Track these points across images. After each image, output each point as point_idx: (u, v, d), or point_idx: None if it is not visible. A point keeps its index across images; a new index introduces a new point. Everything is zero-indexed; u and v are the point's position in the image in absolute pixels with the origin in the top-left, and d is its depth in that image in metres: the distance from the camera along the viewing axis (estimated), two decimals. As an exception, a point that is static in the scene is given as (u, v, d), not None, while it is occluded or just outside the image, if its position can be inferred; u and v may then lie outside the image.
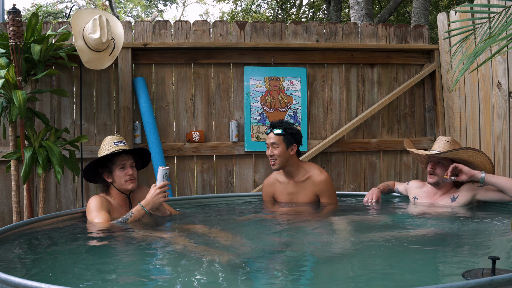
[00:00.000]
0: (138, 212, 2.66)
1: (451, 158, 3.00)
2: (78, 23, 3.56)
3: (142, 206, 2.67)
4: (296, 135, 3.19)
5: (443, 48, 4.47)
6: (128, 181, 2.82)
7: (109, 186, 2.84)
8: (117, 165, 2.81)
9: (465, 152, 2.92)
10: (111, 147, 2.81)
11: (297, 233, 2.62)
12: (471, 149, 2.92)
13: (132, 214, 2.65)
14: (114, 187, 2.84)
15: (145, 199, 2.70)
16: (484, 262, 2.04)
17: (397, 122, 4.61)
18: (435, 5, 11.76)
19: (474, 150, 2.93)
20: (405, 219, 2.91)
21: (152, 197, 2.68)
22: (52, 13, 16.40)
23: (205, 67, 4.34)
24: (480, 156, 2.94)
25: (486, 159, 2.96)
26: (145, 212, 2.67)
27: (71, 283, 1.80)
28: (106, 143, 2.84)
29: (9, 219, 3.93)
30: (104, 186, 2.85)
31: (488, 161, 2.97)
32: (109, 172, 2.82)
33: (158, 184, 2.71)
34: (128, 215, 2.65)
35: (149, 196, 2.69)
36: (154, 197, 2.68)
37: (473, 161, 2.95)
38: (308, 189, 3.21)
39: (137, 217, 2.65)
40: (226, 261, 1.97)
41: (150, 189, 2.72)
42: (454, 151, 2.92)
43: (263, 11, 15.00)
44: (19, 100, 3.24)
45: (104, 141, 2.88)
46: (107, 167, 2.81)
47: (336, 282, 1.81)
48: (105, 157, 2.80)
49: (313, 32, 4.43)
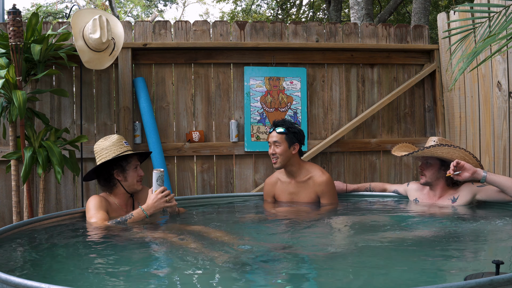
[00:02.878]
0: (138, 215, 2.66)
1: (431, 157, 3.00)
2: (78, 23, 3.56)
3: (143, 210, 2.67)
4: (298, 134, 3.20)
5: (443, 48, 4.47)
6: (139, 181, 2.86)
7: (115, 185, 2.83)
8: (132, 165, 2.83)
9: (439, 148, 2.91)
10: (123, 147, 2.80)
11: (297, 233, 2.62)
12: (445, 146, 2.91)
13: (132, 216, 2.65)
14: (122, 186, 2.83)
15: (146, 203, 2.70)
16: (484, 262, 2.05)
17: (397, 122, 4.61)
18: (435, 5, 11.76)
19: (449, 146, 2.92)
20: (406, 219, 2.91)
21: (153, 202, 2.69)
22: (52, 13, 16.40)
23: (205, 67, 4.34)
24: (458, 152, 2.92)
25: (467, 154, 2.94)
26: (146, 216, 2.67)
27: (71, 283, 1.80)
28: (115, 142, 2.81)
29: (9, 219, 3.94)
30: (110, 184, 2.83)
31: (470, 156, 2.95)
32: (121, 171, 2.81)
33: (154, 188, 2.71)
34: (127, 216, 2.64)
35: (150, 200, 2.69)
36: (155, 202, 2.69)
37: (450, 157, 2.94)
38: (309, 190, 3.21)
39: (136, 220, 2.65)
40: (226, 261, 1.97)
41: (149, 194, 2.72)
42: (426, 149, 2.93)
43: (263, 11, 15.00)
44: (19, 100, 3.24)
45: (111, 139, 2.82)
46: (120, 165, 2.80)
47: (337, 282, 1.81)
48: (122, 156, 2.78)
49: (313, 32, 4.43)
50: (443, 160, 3.01)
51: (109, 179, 2.82)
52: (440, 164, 3.03)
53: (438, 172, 3.03)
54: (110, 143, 2.81)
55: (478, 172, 2.79)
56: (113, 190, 2.84)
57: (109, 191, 2.85)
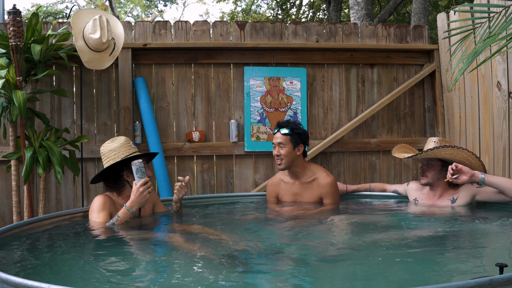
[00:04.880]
0: (124, 215, 2.61)
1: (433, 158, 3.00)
2: (78, 23, 3.57)
3: (128, 208, 2.62)
4: (303, 135, 3.19)
5: (443, 48, 4.47)
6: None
7: (123, 186, 2.81)
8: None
9: (442, 150, 2.91)
10: (131, 148, 2.78)
11: (298, 233, 2.63)
12: (448, 147, 2.91)
13: (119, 217, 2.60)
14: (130, 187, 2.81)
15: (130, 199, 2.64)
16: (483, 262, 2.05)
17: (397, 122, 4.62)
18: (435, 5, 11.77)
19: (453, 147, 2.91)
20: (406, 219, 2.91)
21: (136, 197, 2.63)
22: (52, 13, 16.41)
23: (205, 67, 4.34)
24: (461, 153, 2.92)
25: (470, 155, 2.94)
26: (132, 213, 2.62)
27: (71, 283, 1.80)
28: (123, 144, 2.78)
29: (9, 219, 3.94)
30: (119, 185, 2.81)
31: (473, 156, 2.95)
32: (130, 172, 2.78)
33: (136, 181, 2.65)
34: (114, 219, 2.61)
35: (133, 196, 2.63)
36: (138, 196, 2.63)
37: (453, 158, 2.94)
38: (313, 191, 3.21)
39: (123, 220, 2.60)
40: (226, 261, 1.97)
41: (133, 189, 2.65)
42: (430, 151, 2.92)
43: (263, 11, 15.02)
44: (19, 100, 3.25)
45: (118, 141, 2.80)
46: (129, 167, 2.78)
47: (337, 282, 1.81)
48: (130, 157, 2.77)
49: (313, 32, 4.43)
50: (444, 161, 3.01)
51: (118, 181, 2.80)
52: (441, 165, 3.03)
53: (439, 173, 3.03)
54: (118, 145, 2.77)
55: (476, 175, 2.79)
56: (121, 191, 2.83)
57: (117, 192, 2.83)
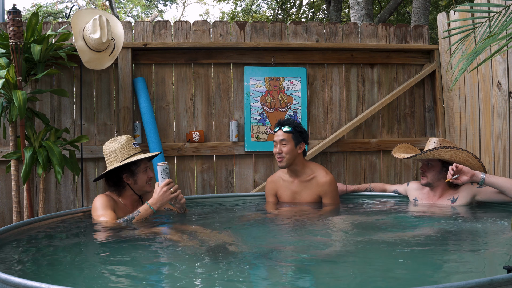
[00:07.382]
0: (145, 211, 2.64)
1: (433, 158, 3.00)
2: (78, 23, 3.56)
3: (150, 205, 2.65)
4: (304, 133, 3.22)
5: (443, 48, 4.47)
6: (148, 183, 2.83)
7: (124, 188, 2.80)
8: (142, 168, 2.80)
9: (442, 151, 2.91)
10: (132, 149, 2.77)
11: (298, 233, 2.63)
12: (448, 148, 2.91)
13: (139, 213, 2.63)
14: (131, 189, 2.81)
15: (152, 197, 2.68)
16: (485, 262, 2.05)
17: (397, 122, 4.61)
18: (435, 5, 11.76)
19: (452, 148, 2.91)
20: (406, 219, 2.91)
21: (159, 195, 2.67)
22: (52, 13, 16.40)
23: (205, 67, 4.34)
24: (461, 153, 2.92)
25: (469, 155, 2.94)
26: (153, 211, 2.65)
27: (71, 283, 1.80)
28: (124, 144, 2.76)
29: (9, 219, 3.94)
30: (119, 187, 2.80)
31: (473, 157, 2.95)
32: (130, 175, 2.78)
33: (160, 181, 2.69)
34: (134, 214, 2.63)
35: (156, 195, 2.68)
36: (161, 195, 2.66)
37: (452, 159, 2.94)
38: (312, 189, 3.21)
39: (143, 216, 2.63)
40: (227, 260, 1.97)
41: (156, 188, 2.71)
42: (429, 151, 2.93)
43: (263, 11, 15.01)
44: (19, 100, 3.24)
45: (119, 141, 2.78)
46: (130, 169, 2.77)
47: (337, 282, 1.81)
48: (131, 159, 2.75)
49: (313, 32, 4.43)
50: (444, 161, 3.01)
51: (119, 183, 2.80)
52: (441, 165, 3.03)
53: (439, 173, 3.03)
54: (119, 146, 2.75)
55: (476, 175, 2.79)
56: (122, 193, 2.83)
57: (118, 193, 2.83)
